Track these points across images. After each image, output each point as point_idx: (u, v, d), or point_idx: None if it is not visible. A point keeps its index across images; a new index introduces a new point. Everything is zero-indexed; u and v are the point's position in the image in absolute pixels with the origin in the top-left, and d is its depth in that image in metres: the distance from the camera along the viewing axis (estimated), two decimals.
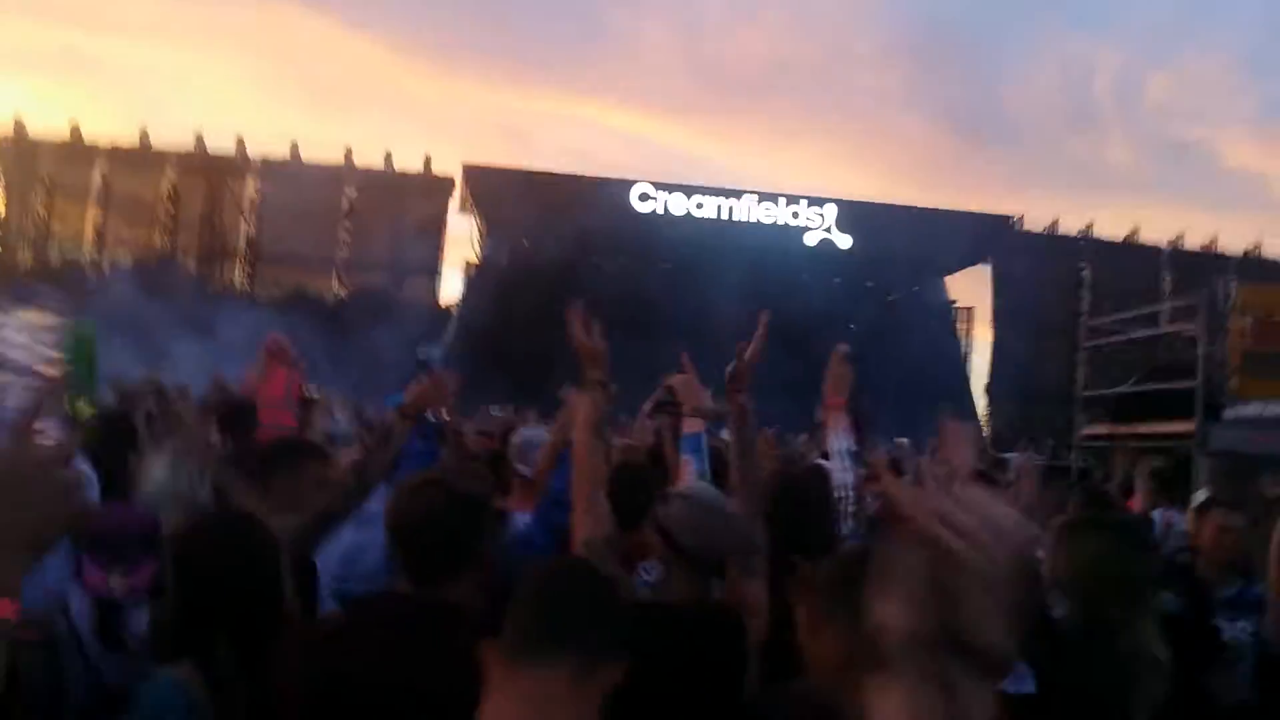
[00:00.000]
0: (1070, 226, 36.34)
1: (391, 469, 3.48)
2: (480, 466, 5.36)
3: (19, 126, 34.24)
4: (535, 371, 22.62)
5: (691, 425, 3.48)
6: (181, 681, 2.43)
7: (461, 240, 34.78)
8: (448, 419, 5.66)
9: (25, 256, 34.62)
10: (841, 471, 3.44)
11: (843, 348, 3.71)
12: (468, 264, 34.04)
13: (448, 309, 33.91)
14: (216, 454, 4.85)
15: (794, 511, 3.04)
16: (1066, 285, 35.42)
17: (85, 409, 6.32)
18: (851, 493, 3.40)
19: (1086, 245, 36.12)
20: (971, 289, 35.71)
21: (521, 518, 4.45)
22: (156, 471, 3.89)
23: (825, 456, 3.79)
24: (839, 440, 3.52)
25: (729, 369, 3.03)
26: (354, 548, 4.00)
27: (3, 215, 34.50)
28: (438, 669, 1.84)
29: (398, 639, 2.23)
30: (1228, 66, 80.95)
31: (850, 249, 31.07)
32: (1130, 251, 36.05)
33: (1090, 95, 74.26)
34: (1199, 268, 33.49)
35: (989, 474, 6.45)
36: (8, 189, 34.48)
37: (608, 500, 2.85)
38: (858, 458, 3.55)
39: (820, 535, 3.09)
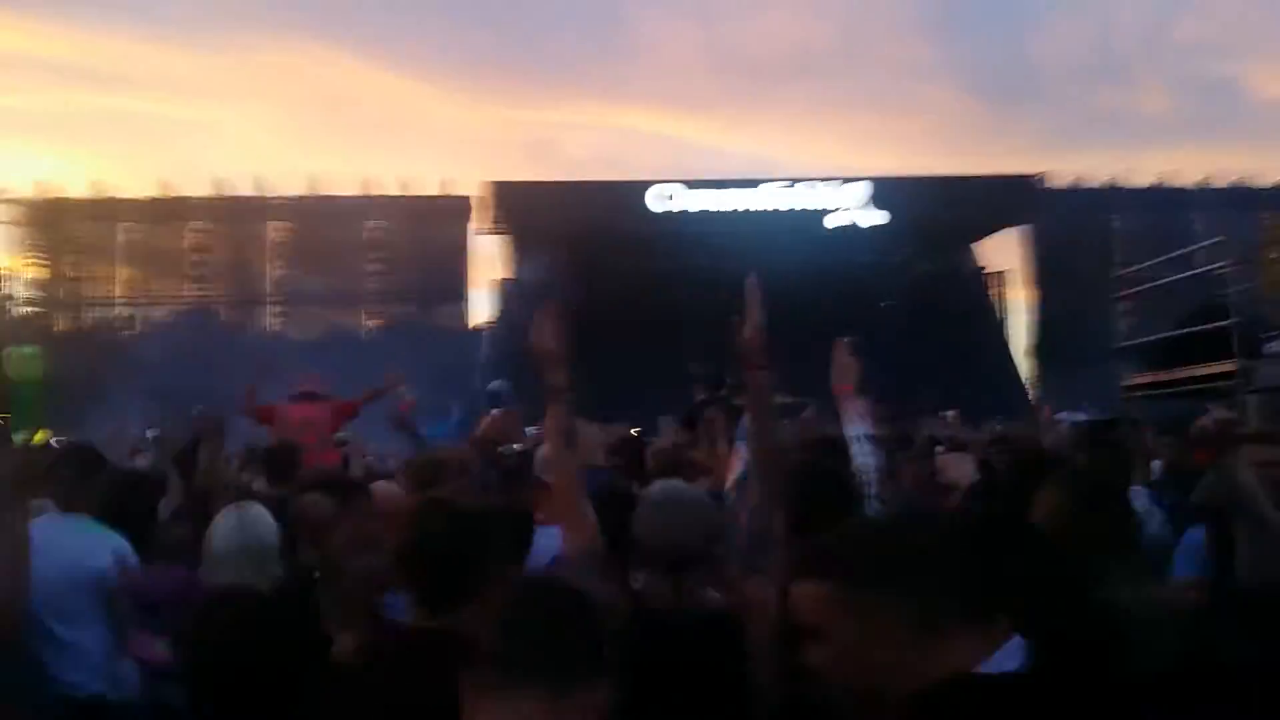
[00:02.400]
0: (1097, 179, 35.99)
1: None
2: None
3: (42, 190, 34.86)
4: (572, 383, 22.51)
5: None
6: None
7: (486, 260, 34.93)
8: (518, 449, 5.60)
9: (60, 320, 35.13)
10: (862, 455, 3.34)
11: (846, 339, 3.61)
12: (494, 282, 34.15)
13: (477, 330, 34.02)
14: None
15: (805, 491, 2.88)
16: (1099, 238, 34.97)
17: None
18: (874, 474, 3.30)
19: (1115, 196, 35.67)
20: (1003, 253, 35.42)
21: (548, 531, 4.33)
22: (224, 526, 3.76)
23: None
24: (855, 426, 3.41)
25: (741, 344, 2.88)
26: None
27: (35, 279, 34.99)
28: (439, 703, 1.77)
29: (401, 674, 2.14)
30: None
31: (874, 226, 30.86)
32: (1160, 197, 35.53)
33: (1115, 46, 73.28)
34: (1232, 206, 33.00)
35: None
36: (38, 253, 35.00)
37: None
38: (876, 441, 3.44)
39: (835, 515, 2.96)
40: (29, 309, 34.59)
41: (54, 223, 34.95)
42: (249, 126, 73.36)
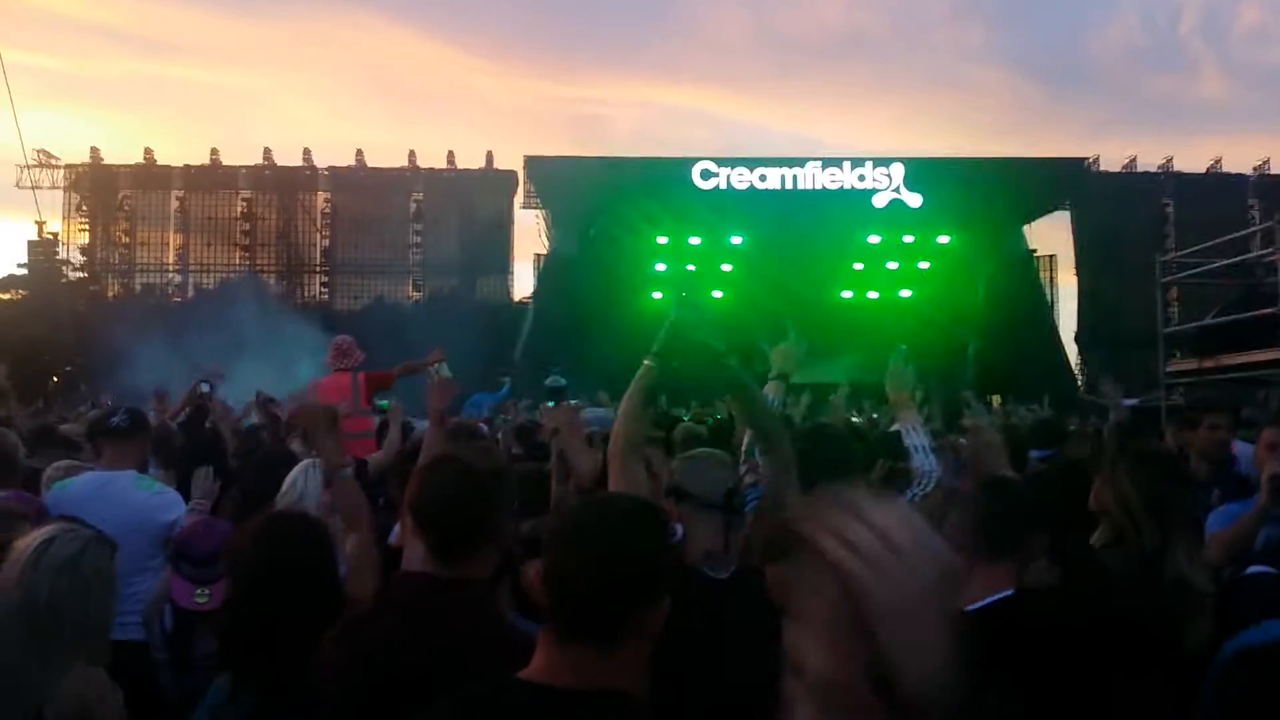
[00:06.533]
0: (1150, 163, 35.31)
1: None
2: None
3: (95, 155, 35.39)
4: (611, 357, 22.66)
5: (769, 390, 3.74)
6: (228, 686, 2.49)
7: (530, 233, 35.04)
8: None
9: (112, 284, 35.74)
10: (923, 463, 3.48)
11: (901, 348, 3.80)
12: (537, 256, 34.28)
13: (522, 303, 34.18)
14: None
15: (811, 457, 3.13)
16: (1151, 224, 34.35)
17: None
18: (932, 477, 3.43)
19: (1168, 180, 34.98)
20: (1052, 236, 34.94)
21: None
22: (293, 480, 4.00)
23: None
24: (911, 436, 3.55)
25: None
26: None
27: (87, 244, 35.56)
28: (456, 643, 1.86)
29: (419, 618, 2.26)
30: None
31: (921, 206, 30.52)
32: (1214, 183, 34.80)
33: (1174, 31, 71.99)
34: None
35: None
36: (90, 217, 35.58)
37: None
38: (935, 450, 3.60)
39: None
40: (80, 274, 35.19)
41: (106, 189, 35.50)
42: (296, 96, 74.07)
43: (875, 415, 11.27)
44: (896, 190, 30.63)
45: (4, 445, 4.51)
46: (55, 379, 27.70)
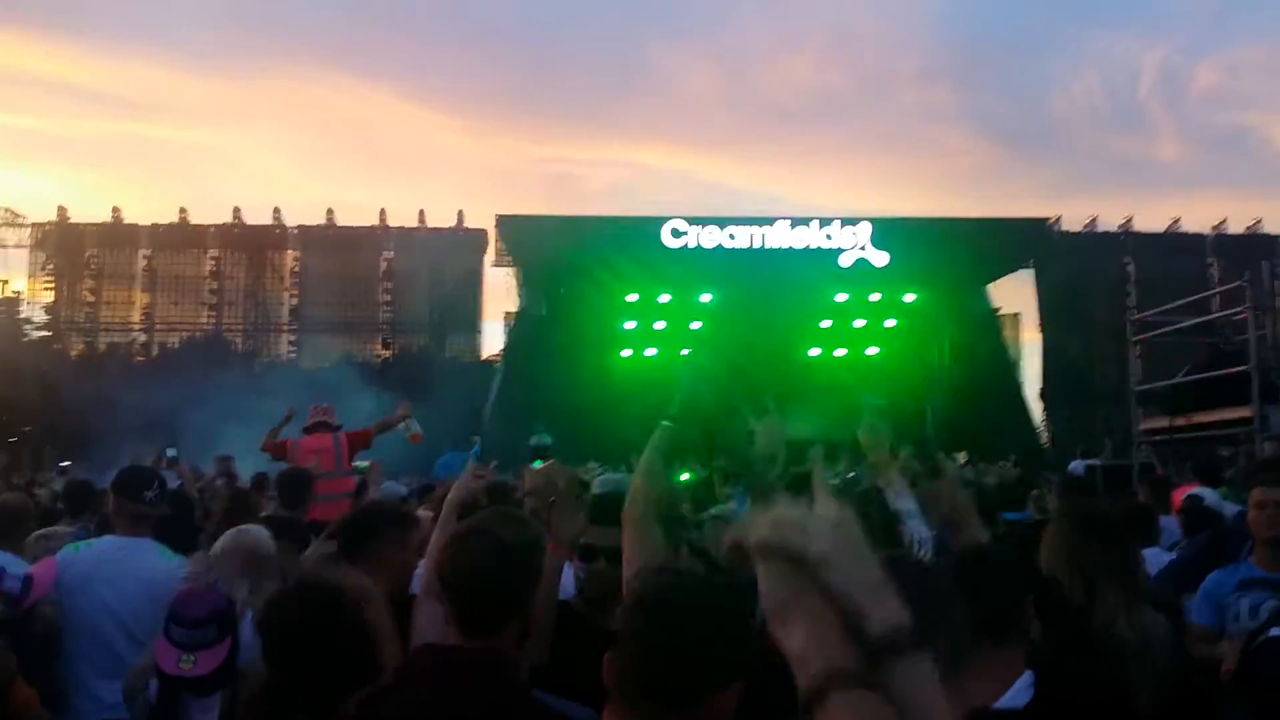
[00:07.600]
0: (1110, 223, 35.94)
1: None
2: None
3: (62, 214, 35.10)
4: (580, 418, 22.66)
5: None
6: None
7: (499, 292, 35.04)
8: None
9: (76, 343, 35.33)
10: (918, 527, 3.37)
11: (870, 399, 3.64)
12: (507, 314, 34.21)
13: (491, 361, 34.06)
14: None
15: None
16: (1112, 282, 34.86)
17: None
18: (928, 545, 3.33)
19: (1129, 240, 35.59)
20: (1016, 294, 35.26)
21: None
22: (220, 542, 3.96)
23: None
24: (901, 500, 3.45)
25: None
26: None
27: (52, 303, 35.18)
28: (479, 715, 1.84)
29: (442, 690, 2.20)
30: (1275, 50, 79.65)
31: (887, 265, 30.78)
32: (1174, 242, 35.45)
33: (1134, 93, 73.91)
34: (1246, 253, 32.96)
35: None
36: (55, 276, 35.23)
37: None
38: (924, 515, 3.50)
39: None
40: (44, 333, 34.77)
41: (72, 247, 35.23)
42: (267, 155, 74.20)
43: (852, 474, 11.28)
44: (863, 249, 30.87)
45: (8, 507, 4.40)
46: (14, 440, 27.26)
